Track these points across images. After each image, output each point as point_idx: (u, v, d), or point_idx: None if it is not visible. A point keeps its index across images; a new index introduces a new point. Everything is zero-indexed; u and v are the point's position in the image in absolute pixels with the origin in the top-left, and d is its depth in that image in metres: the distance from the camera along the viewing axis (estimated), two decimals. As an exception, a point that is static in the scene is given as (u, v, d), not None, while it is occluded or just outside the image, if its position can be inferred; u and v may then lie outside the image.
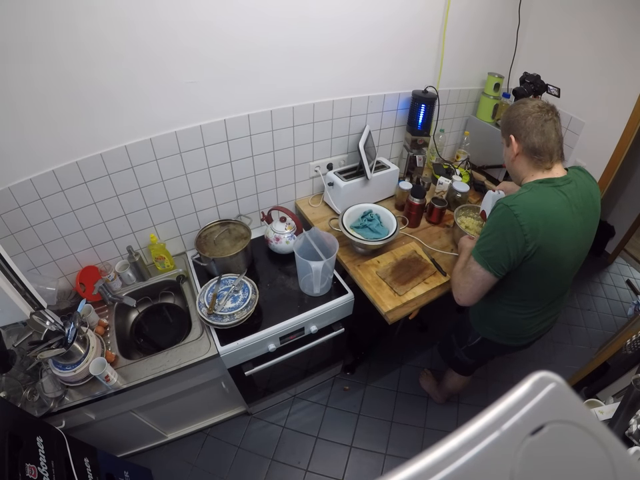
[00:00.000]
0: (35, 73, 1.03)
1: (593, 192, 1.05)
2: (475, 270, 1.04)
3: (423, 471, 0.20)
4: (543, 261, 0.99)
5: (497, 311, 1.21)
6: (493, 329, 1.27)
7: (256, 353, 1.41)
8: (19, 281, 1.05)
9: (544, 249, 0.97)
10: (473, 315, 1.34)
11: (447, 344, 1.56)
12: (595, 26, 1.65)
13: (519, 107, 1.02)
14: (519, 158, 1.04)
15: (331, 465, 1.73)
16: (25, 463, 0.92)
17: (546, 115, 0.97)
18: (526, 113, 0.98)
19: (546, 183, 0.99)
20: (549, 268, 1.03)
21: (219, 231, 1.59)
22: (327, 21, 1.38)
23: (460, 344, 1.45)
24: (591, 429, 0.21)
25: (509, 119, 1.03)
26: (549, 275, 1.06)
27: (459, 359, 1.49)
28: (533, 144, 0.98)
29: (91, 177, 1.29)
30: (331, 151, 1.78)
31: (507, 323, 1.22)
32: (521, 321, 1.19)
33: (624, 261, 2.95)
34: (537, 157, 1.00)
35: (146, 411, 1.46)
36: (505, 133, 1.06)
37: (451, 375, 1.73)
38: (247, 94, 1.39)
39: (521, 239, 0.95)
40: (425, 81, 1.76)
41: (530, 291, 1.12)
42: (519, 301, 1.15)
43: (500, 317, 1.22)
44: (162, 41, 1.15)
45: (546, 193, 0.97)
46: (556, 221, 0.96)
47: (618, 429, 0.98)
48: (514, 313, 1.18)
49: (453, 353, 1.51)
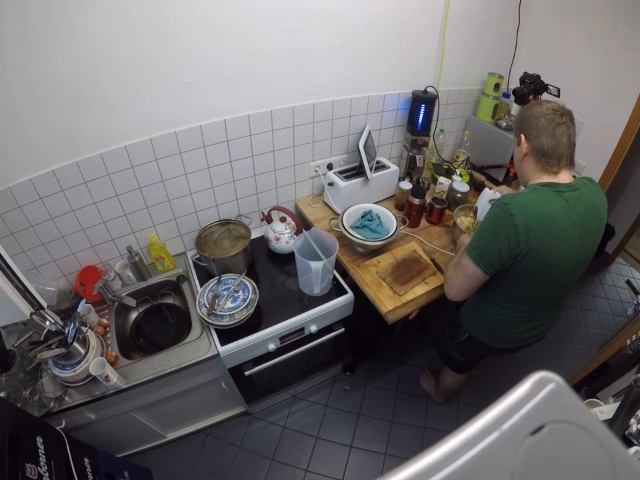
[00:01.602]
0: (35, 73, 1.03)
1: (598, 204, 1.03)
2: (466, 265, 1.04)
3: (423, 471, 0.20)
4: (534, 263, 0.98)
5: (486, 310, 1.20)
6: (481, 328, 1.26)
7: (256, 353, 1.41)
8: (18, 281, 1.06)
9: (535, 251, 0.96)
10: (463, 312, 1.35)
11: (441, 339, 1.57)
12: (594, 26, 1.66)
13: (533, 107, 1.01)
14: (527, 158, 1.03)
15: (331, 465, 1.73)
16: (25, 462, 0.92)
17: (560, 118, 0.96)
18: (539, 114, 0.97)
19: (548, 187, 0.97)
20: (539, 272, 1.01)
21: (219, 230, 1.59)
22: (327, 21, 1.38)
23: (452, 339, 1.45)
24: (591, 429, 0.21)
25: (522, 118, 1.03)
26: (539, 280, 1.04)
27: (451, 354, 1.50)
28: (542, 146, 0.97)
29: (91, 176, 1.29)
30: (330, 150, 1.78)
31: (494, 324, 1.21)
32: (508, 324, 1.17)
33: (624, 261, 2.96)
34: (545, 160, 0.99)
35: (146, 410, 1.46)
36: (516, 131, 1.06)
37: (445, 371, 1.73)
38: (246, 94, 1.39)
39: (514, 238, 0.94)
40: (425, 80, 1.76)
41: (519, 294, 1.10)
42: (507, 302, 1.14)
43: (488, 317, 1.21)
44: (162, 40, 1.15)
45: (546, 196, 0.96)
46: (550, 225, 0.95)
47: (618, 429, 0.98)
48: (502, 315, 1.16)
49: (446, 348, 1.52)
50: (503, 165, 1.87)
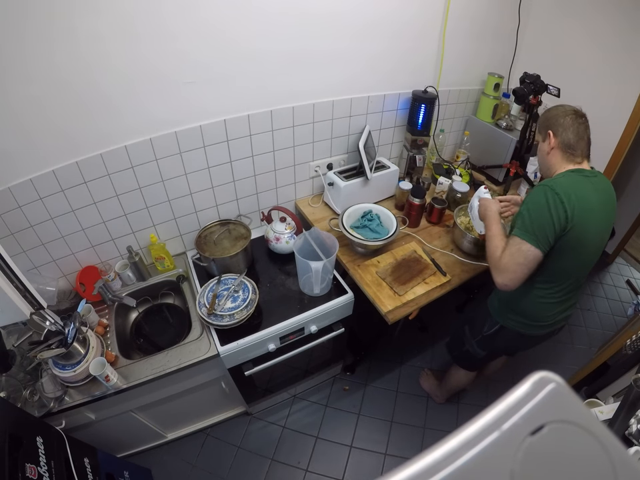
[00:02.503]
0: (35, 73, 1.03)
1: (611, 191, 1.15)
2: (527, 250, 1.06)
3: (423, 471, 0.20)
4: (573, 240, 1.07)
5: (525, 296, 1.24)
6: (515, 317, 1.28)
7: (256, 353, 1.41)
8: (19, 281, 1.06)
9: (577, 228, 1.05)
10: (492, 304, 1.36)
11: (457, 336, 1.57)
12: (594, 25, 1.66)
13: (557, 108, 1.15)
14: (554, 152, 1.14)
15: (331, 465, 1.73)
16: (25, 462, 0.92)
17: (580, 119, 1.11)
18: (564, 113, 1.12)
19: (577, 172, 1.09)
20: (576, 249, 1.10)
21: (219, 230, 1.59)
22: (327, 22, 1.38)
23: (473, 335, 1.46)
24: (591, 429, 0.21)
25: (548, 117, 1.15)
26: (576, 256, 1.12)
27: (470, 351, 1.50)
28: (568, 139, 1.10)
29: (91, 176, 1.29)
30: (330, 150, 1.78)
31: (531, 309, 1.25)
32: (546, 305, 1.23)
33: (624, 261, 2.96)
34: (570, 151, 1.11)
35: (146, 410, 1.46)
36: (542, 129, 1.18)
37: (456, 370, 1.72)
38: (246, 94, 1.39)
39: (563, 215, 1.02)
40: (425, 81, 1.76)
41: (559, 271, 1.16)
42: (547, 282, 1.19)
43: (526, 302, 1.25)
44: (162, 42, 1.15)
45: (578, 180, 1.08)
46: (587, 204, 1.05)
47: (618, 429, 0.98)
48: (540, 297, 1.22)
49: (463, 345, 1.52)
50: (502, 165, 1.87)
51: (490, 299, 1.38)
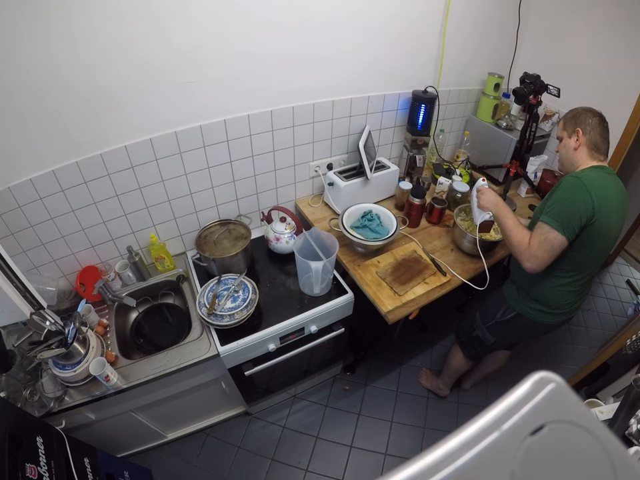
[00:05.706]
0: (35, 73, 1.03)
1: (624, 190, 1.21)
2: (554, 238, 1.12)
3: (423, 471, 0.20)
4: (598, 230, 1.12)
5: (546, 284, 1.28)
6: (537, 304, 1.32)
7: (256, 353, 1.41)
8: (19, 281, 1.06)
9: (601, 219, 1.10)
10: (509, 292, 1.41)
11: (466, 323, 1.60)
12: (594, 25, 1.66)
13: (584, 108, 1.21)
14: (581, 148, 1.20)
15: (331, 465, 1.73)
16: (25, 462, 0.92)
17: (604, 122, 1.19)
18: (592, 114, 1.19)
19: (600, 169, 1.16)
20: (600, 238, 1.15)
21: (219, 230, 1.59)
22: (329, 25, 1.38)
23: (485, 321, 1.49)
24: (591, 429, 0.21)
25: (576, 115, 1.21)
26: (598, 245, 1.17)
27: (480, 337, 1.53)
28: (595, 139, 1.18)
29: (91, 176, 1.29)
30: (331, 150, 1.78)
31: (551, 297, 1.30)
32: (566, 293, 1.28)
33: (624, 260, 2.96)
34: (595, 150, 1.19)
35: (146, 410, 1.46)
36: (569, 126, 1.23)
37: (456, 351, 1.72)
38: (247, 94, 1.39)
39: (590, 205, 1.08)
40: (425, 81, 1.76)
41: (581, 261, 1.21)
42: (568, 271, 1.24)
43: (546, 290, 1.29)
44: (162, 41, 1.15)
45: (602, 174, 1.15)
46: (610, 197, 1.12)
47: (618, 428, 0.98)
48: (561, 285, 1.27)
49: (473, 330, 1.55)
50: (502, 165, 1.87)
51: (506, 287, 1.44)
